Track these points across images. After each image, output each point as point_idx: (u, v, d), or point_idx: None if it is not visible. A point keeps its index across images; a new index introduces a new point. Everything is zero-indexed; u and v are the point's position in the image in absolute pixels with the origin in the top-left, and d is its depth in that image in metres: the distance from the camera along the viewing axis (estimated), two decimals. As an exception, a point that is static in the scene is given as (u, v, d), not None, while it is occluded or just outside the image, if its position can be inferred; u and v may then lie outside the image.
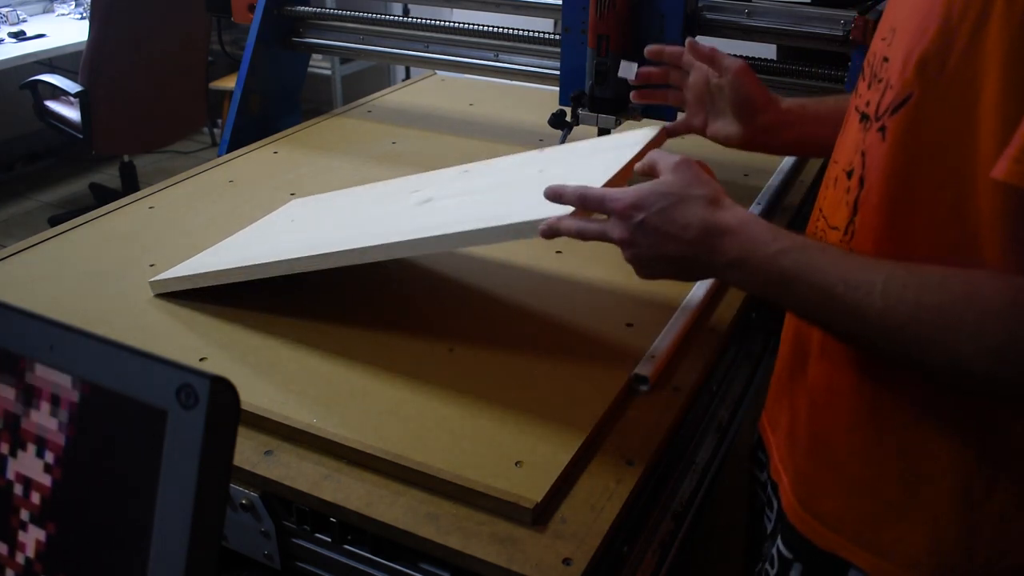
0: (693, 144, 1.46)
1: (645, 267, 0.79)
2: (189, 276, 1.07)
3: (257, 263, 1.03)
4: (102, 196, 3.76)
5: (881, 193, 0.69)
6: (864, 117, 0.73)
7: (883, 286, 0.64)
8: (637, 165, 0.83)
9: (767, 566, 0.87)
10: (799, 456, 0.83)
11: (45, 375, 0.53)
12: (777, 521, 0.87)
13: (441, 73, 2.01)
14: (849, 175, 0.74)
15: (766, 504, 0.92)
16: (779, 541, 0.85)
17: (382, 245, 0.95)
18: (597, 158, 1.02)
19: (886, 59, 0.70)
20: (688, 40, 1.03)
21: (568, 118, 1.35)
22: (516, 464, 0.82)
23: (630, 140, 1.03)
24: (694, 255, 0.75)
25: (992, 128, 0.60)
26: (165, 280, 1.09)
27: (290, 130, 1.67)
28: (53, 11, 3.85)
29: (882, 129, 0.69)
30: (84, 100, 3.06)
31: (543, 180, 0.90)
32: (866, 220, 0.71)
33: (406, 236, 0.94)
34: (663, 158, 0.80)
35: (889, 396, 0.74)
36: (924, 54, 0.64)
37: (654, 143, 1.02)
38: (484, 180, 1.10)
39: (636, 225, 0.77)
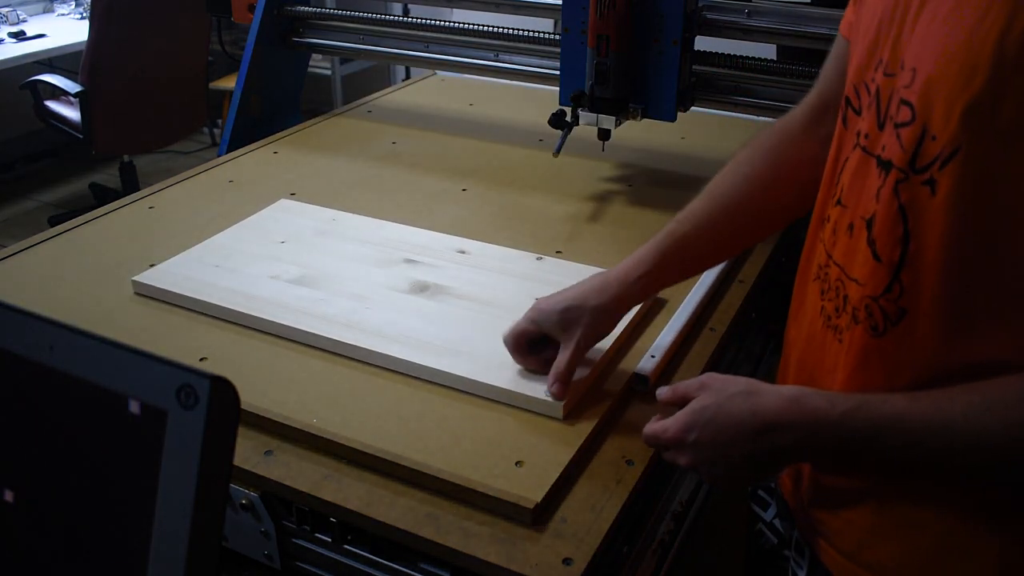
0: (679, 154, 1.46)
1: (724, 480, 0.77)
2: (172, 292, 1.07)
3: (240, 310, 1.03)
4: (102, 196, 3.76)
5: (939, 251, 0.65)
6: (882, 164, 0.68)
7: (964, 419, 0.63)
8: (666, 396, 0.80)
9: None
10: (843, 505, 0.78)
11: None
12: (813, 571, 0.83)
13: (441, 73, 2.01)
14: (869, 225, 0.70)
15: (793, 550, 0.88)
16: None
17: (378, 353, 0.96)
18: None
19: (905, 102, 0.66)
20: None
21: (568, 118, 1.35)
22: (516, 464, 0.82)
23: None
24: (760, 447, 0.71)
25: None
26: (149, 285, 1.09)
27: (290, 130, 1.67)
28: (53, 11, 3.85)
29: (930, 183, 0.64)
30: (84, 100, 3.06)
31: None
32: (921, 279, 0.67)
33: (405, 353, 0.95)
34: (687, 385, 0.78)
35: None
36: (972, 103, 0.60)
37: (651, 299, 1.05)
38: (480, 284, 1.09)
39: (693, 445, 0.74)
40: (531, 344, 0.92)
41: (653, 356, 0.96)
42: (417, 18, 1.63)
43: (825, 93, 0.89)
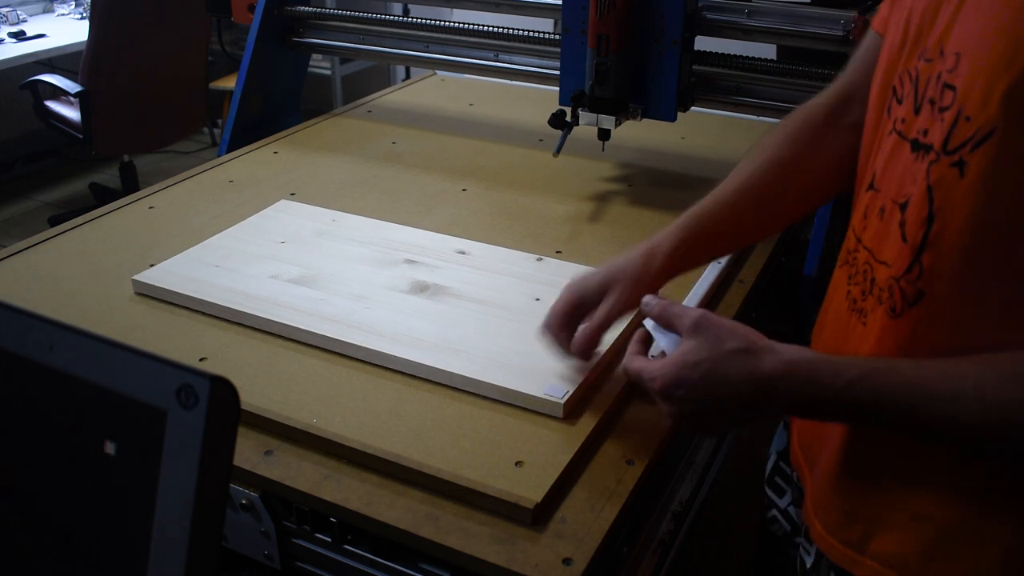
0: (671, 151, 1.45)
1: (706, 432, 0.78)
2: (172, 291, 1.07)
3: (240, 309, 1.03)
4: (102, 196, 3.76)
5: (962, 234, 0.66)
6: (920, 147, 0.69)
7: (976, 392, 0.63)
8: (655, 311, 0.80)
9: None
10: (848, 496, 0.79)
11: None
12: (819, 558, 0.82)
13: (441, 73, 2.01)
14: (903, 207, 0.70)
15: (803, 537, 0.88)
16: None
17: (379, 352, 0.96)
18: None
19: (948, 85, 0.66)
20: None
21: (568, 118, 1.35)
22: (516, 464, 0.82)
23: None
24: (752, 407, 0.72)
25: None
26: (149, 284, 1.09)
27: (290, 130, 1.67)
28: (53, 11, 3.85)
29: (959, 164, 0.65)
30: (84, 100, 3.06)
31: (538, 311, 0.95)
32: (941, 261, 0.67)
33: (405, 352, 0.95)
34: (679, 318, 0.76)
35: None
36: (1012, 87, 0.60)
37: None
38: (480, 285, 1.09)
39: (681, 401, 0.74)
40: (567, 325, 0.90)
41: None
42: (417, 18, 1.63)
43: (851, 84, 0.89)
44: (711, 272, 1.13)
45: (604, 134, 1.38)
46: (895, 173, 0.72)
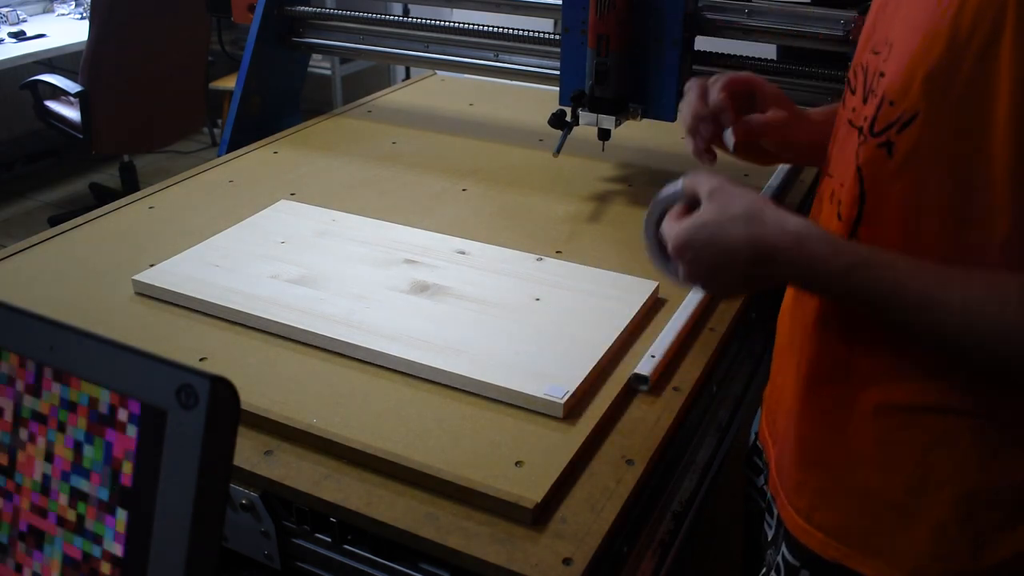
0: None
1: (721, 293, 0.86)
2: (172, 291, 1.07)
3: (240, 309, 1.03)
4: (102, 196, 3.76)
5: (891, 209, 0.69)
6: (860, 131, 0.72)
7: (962, 304, 0.64)
8: (688, 183, 0.80)
9: (772, 574, 0.87)
10: (799, 467, 0.83)
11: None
12: (778, 529, 0.86)
13: (441, 73, 2.01)
14: (842, 187, 0.75)
15: (766, 511, 0.92)
16: (783, 549, 0.84)
17: (379, 352, 0.96)
18: (598, 302, 1.06)
19: (882, 73, 0.70)
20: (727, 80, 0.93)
21: (568, 118, 1.35)
22: (516, 464, 0.82)
23: (632, 297, 1.06)
24: (754, 273, 0.73)
25: (1005, 142, 0.61)
26: (150, 284, 1.09)
27: (290, 130, 1.67)
28: (53, 11, 3.85)
29: (886, 145, 0.68)
30: (84, 100, 3.06)
31: (538, 311, 1.03)
32: (873, 235, 0.71)
33: (405, 352, 0.95)
34: (700, 184, 0.78)
35: (894, 404, 0.74)
36: (931, 72, 0.64)
37: (652, 299, 1.07)
38: (480, 285, 1.09)
39: (690, 262, 0.76)
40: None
41: (653, 356, 0.96)
42: (417, 18, 1.63)
43: None
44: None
45: (604, 134, 1.38)
46: (844, 159, 0.76)
